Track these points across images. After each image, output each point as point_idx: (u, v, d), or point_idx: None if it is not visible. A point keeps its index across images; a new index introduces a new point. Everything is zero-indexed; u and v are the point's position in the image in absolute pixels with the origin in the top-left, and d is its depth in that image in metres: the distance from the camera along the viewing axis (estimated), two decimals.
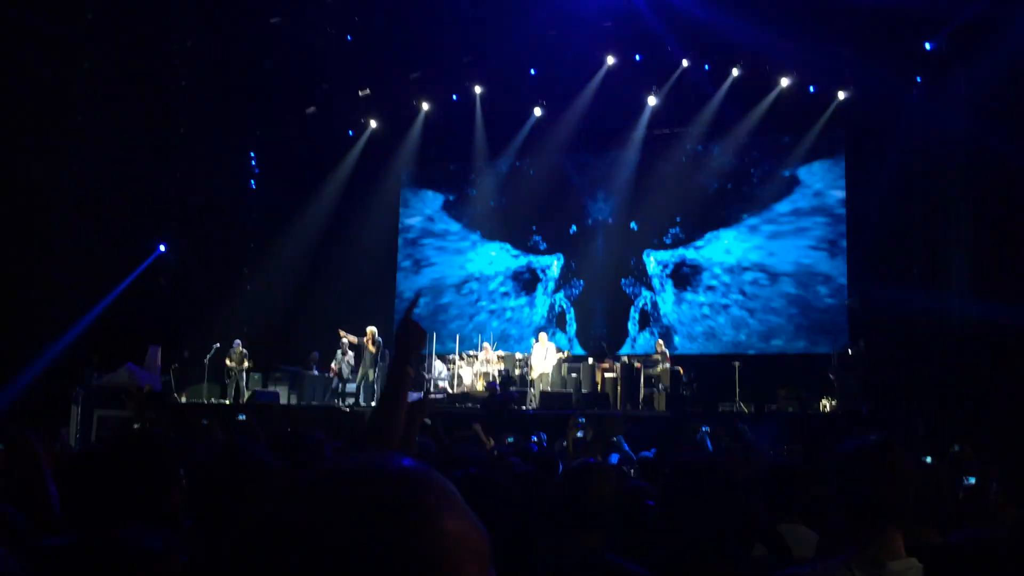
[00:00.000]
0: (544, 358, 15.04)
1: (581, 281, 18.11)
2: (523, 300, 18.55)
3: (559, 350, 15.55)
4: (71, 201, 14.56)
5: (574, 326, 18.03)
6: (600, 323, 17.86)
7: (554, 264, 18.43)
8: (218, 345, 16.01)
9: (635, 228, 17.85)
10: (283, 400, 15.39)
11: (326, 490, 0.75)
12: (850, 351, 13.46)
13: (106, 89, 14.57)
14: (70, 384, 13.76)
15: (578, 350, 17.17)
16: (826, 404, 13.71)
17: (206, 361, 16.03)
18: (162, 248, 16.74)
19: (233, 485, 2.22)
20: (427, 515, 0.74)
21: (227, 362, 15.94)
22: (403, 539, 0.72)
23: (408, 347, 2.31)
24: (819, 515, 3.33)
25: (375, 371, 15.20)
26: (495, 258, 18.89)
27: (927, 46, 14.29)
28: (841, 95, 15.82)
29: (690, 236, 17.44)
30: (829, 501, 2.97)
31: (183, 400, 15.49)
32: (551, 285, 18.37)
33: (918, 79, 14.75)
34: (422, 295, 18.49)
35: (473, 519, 0.79)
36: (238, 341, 16.07)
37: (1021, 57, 11.85)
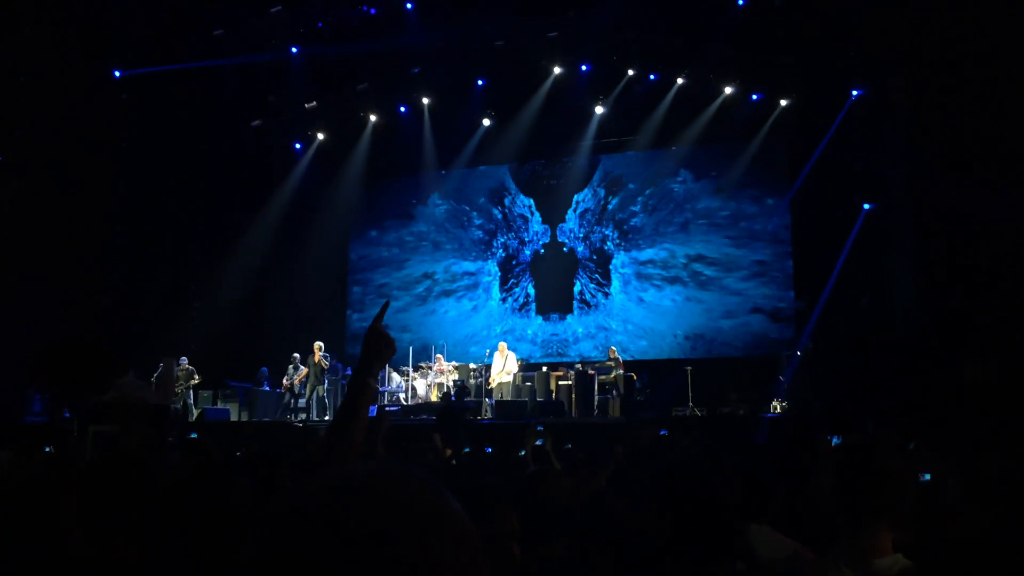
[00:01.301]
0: (503, 368, 15.05)
1: (531, 288, 18.17)
2: (474, 307, 18.52)
3: (519, 360, 15.56)
4: (11, 214, 14.14)
5: (529, 328, 18.06)
6: (552, 326, 17.91)
7: (505, 272, 18.45)
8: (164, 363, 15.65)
9: (585, 233, 17.99)
10: (234, 417, 15.12)
11: (345, 499, 0.77)
12: (799, 352, 13.68)
13: (44, 105, 14.20)
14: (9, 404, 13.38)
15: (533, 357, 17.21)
16: (776, 406, 13.91)
17: (153, 379, 15.65)
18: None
19: (205, 505, 2.19)
20: (448, 519, 0.77)
21: None
22: (426, 541, 0.75)
23: (373, 358, 2.14)
24: (785, 516, 3.37)
25: (324, 386, 15.12)
26: (448, 267, 18.85)
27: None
28: (783, 103, 16.16)
29: (640, 241, 17.60)
30: (817, 498, 3.00)
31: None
32: (498, 292, 18.38)
33: (854, 92, 15.12)
34: (391, 303, 18.30)
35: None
36: (184, 359, 15.74)
37: (962, 63, 12.20)
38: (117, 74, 15.66)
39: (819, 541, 2.94)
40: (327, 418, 14.35)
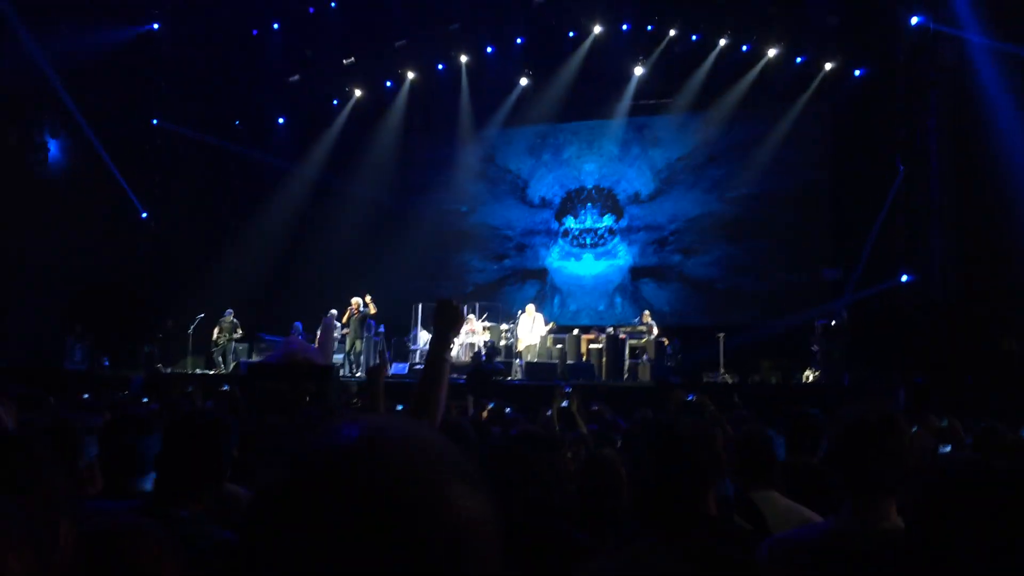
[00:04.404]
0: (531, 330, 15.03)
1: (576, 250, 18.14)
2: (513, 268, 18.54)
3: (547, 322, 15.54)
4: (48, 172, 14.39)
5: (557, 299, 18.06)
6: (587, 294, 17.90)
7: (545, 233, 18.42)
8: (203, 315, 15.85)
9: (620, 196, 17.88)
10: None
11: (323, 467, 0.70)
12: (833, 322, 13.50)
13: (82, 60, 14.31)
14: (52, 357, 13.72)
15: (565, 321, 17.19)
16: (808, 375, 13.77)
17: (190, 332, 15.88)
18: (144, 216, 16.55)
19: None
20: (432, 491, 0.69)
21: (215, 332, 15.76)
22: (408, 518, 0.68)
23: (446, 331, 2.30)
24: (794, 482, 3.35)
25: (362, 341, 15.18)
26: (486, 229, 18.86)
27: (912, 21, 14.21)
28: (828, 66, 15.80)
29: (676, 206, 17.44)
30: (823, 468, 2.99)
31: (168, 371, 15.39)
32: (541, 253, 18.37)
33: (900, 56, 14.72)
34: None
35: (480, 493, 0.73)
36: (230, 311, 15.87)
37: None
38: (156, 27, 15.76)
39: (825, 507, 2.92)
40: (359, 374, 14.45)
